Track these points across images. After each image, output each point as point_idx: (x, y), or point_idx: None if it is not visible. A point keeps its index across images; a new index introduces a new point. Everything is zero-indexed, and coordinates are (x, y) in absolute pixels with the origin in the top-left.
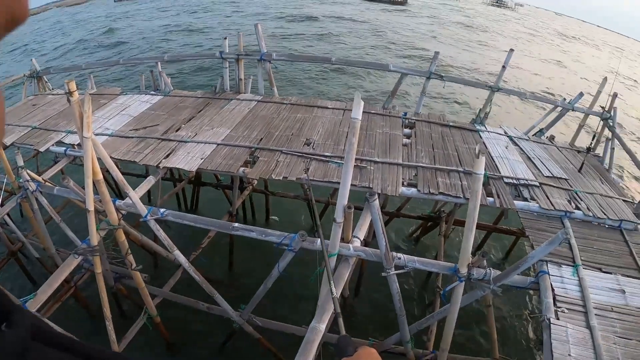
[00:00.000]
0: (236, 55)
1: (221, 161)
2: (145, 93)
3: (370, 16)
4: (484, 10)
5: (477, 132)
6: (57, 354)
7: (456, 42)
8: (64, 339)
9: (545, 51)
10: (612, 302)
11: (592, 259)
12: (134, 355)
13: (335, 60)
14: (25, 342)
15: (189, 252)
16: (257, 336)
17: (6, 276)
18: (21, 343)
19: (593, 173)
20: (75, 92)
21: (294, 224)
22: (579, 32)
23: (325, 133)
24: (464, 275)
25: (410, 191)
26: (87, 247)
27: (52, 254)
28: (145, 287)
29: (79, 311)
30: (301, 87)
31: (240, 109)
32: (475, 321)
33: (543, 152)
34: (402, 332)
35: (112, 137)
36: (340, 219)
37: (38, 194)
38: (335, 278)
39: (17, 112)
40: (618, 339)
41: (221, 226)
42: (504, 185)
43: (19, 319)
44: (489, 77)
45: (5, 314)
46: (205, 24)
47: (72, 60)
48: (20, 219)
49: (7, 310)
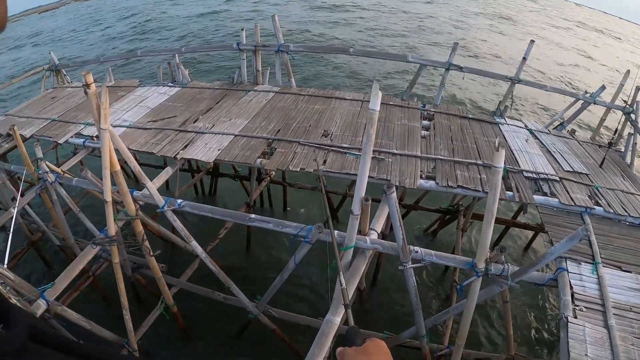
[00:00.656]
0: (253, 46)
1: (239, 152)
2: (163, 85)
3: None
4: (504, 1)
5: (497, 124)
6: (55, 354)
7: (478, 31)
8: (62, 339)
9: (566, 42)
10: (632, 301)
11: (612, 256)
12: (149, 344)
13: (353, 52)
14: (23, 342)
15: (205, 242)
16: (272, 327)
17: (26, 266)
18: (19, 343)
19: (614, 168)
20: (92, 85)
21: (311, 215)
22: (601, 24)
23: (343, 124)
24: (482, 270)
25: (429, 184)
26: (104, 238)
27: (71, 244)
28: (162, 276)
29: (97, 300)
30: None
31: (258, 100)
32: (491, 317)
33: (564, 146)
34: (418, 327)
35: (130, 129)
36: (357, 211)
37: (57, 185)
38: (351, 270)
39: (37, 105)
40: (636, 340)
41: (238, 217)
42: (524, 179)
43: (16, 320)
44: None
45: (2, 315)
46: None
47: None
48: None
49: (5, 311)
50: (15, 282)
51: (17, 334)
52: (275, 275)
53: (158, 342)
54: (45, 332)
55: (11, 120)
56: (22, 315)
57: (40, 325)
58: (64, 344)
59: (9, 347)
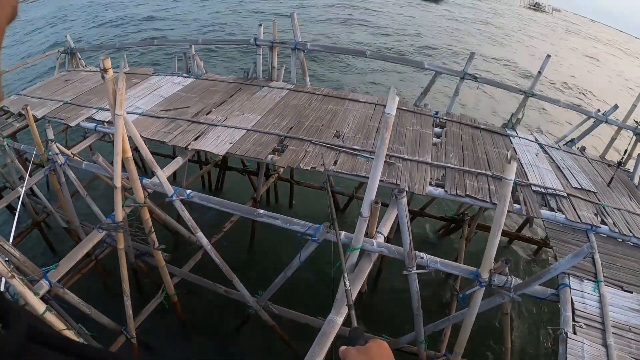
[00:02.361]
0: (270, 42)
1: (250, 147)
2: (177, 75)
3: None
4: (522, 13)
5: (508, 137)
6: (54, 355)
7: (491, 41)
8: (61, 339)
9: (579, 57)
10: (631, 322)
11: (615, 276)
12: (146, 333)
13: (370, 54)
14: (22, 342)
15: (208, 234)
16: (271, 323)
17: (29, 246)
18: (18, 344)
19: (622, 188)
20: (110, 70)
21: (316, 214)
22: (615, 41)
23: (356, 126)
24: (485, 280)
25: (438, 191)
26: (111, 223)
27: (76, 226)
28: (165, 265)
29: (97, 284)
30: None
31: (272, 96)
32: (490, 327)
33: (573, 163)
34: (417, 332)
35: (143, 116)
36: (366, 213)
37: (66, 168)
38: (356, 272)
39: (50, 86)
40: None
41: (246, 212)
42: (532, 193)
43: (15, 320)
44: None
45: (1, 315)
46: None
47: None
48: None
49: (4, 311)
50: (20, 261)
51: (16, 334)
52: (277, 272)
53: (156, 332)
54: (44, 331)
55: (24, 100)
56: (22, 315)
57: (39, 325)
58: (64, 344)
59: (9, 347)
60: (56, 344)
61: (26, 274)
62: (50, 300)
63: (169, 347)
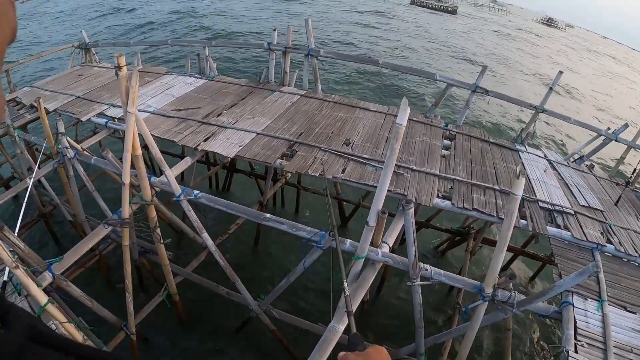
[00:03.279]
0: (284, 47)
1: (259, 151)
2: (190, 75)
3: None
4: (536, 28)
5: (517, 152)
6: (54, 355)
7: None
8: (61, 339)
9: (592, 74)
10: (633, 343)
11: (618, 296)
12: (146, 330)
13: (382, 64)
14: (22, 342)
15: (213, 236)
16: (272, 327)
17: (36, 238)
18: (18, 343)
19: (629, 208)
20: (124, 67)
21: (321, 221)
22: (626, 58)
23: (365, 135)
24: (489, 295)
25: (445, 204)
26: (118, 219)
27: (81, 220)
28: (168, 264)
29: (100, 279)
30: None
31: (283, 101)
32: (491, 342)
33: (581, 180)
34: (418, 344)
35: (154, 115)
36: (372, 222)
37: (75, 162)
38: (359, 281)
39: (63, 81)
40: None
41: (253, 215)
42: (539, 209)
43: (15, 320)
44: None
45: (1, 315)
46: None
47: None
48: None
49: (4, 311)
50: (24, 251)
51: (16, 334)
52: (280, 276)
53: (156, 329)
54: (44, 331)
55: (36, 92)
56: (22, 315)
57: (39, 325)
58: (63, 344)
59: (8, 347)
60: (56, 344)
61: (30, 265)
62: (52, 293)
63: (168, 346)
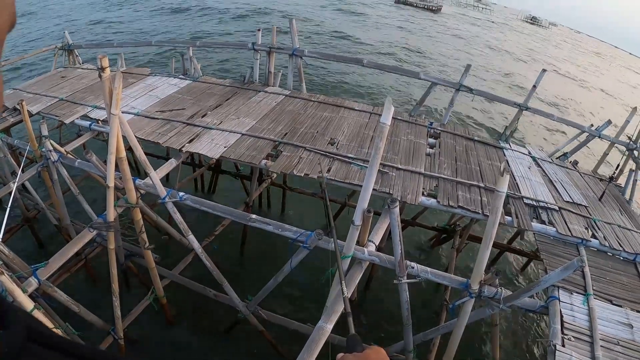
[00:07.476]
0: (268, 47)
1: (244, 151)
2: (174, 76)
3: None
4: (519, 26)
5: (502, 149)
6: (53, 355)
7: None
8: (59, 339)
9: (573, 71)
10: (620, 335)
11: (604, 289)
12: (135, 331)
13: (367, 63)
14: (21, 343)
15: (199, 238)
16: (260, 328)
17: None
18: (16, 344)
19: (613, 203)
20: (107, 68)
21: (307, 221)
22: (610, 54)
23: (350, 134)
24: (475, 291)
25: (430, 202)
26: (103, 222)
27: (66, 224)
28: (155, 267)
29: (86, 283)
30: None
31: (268, 101)
32: (479, 338)
33: (565, 177)
34: (406, 341)
35: (138, 117)
36: (358, 222)
37: (59, 165)
38: (346, 281)
39: (46, 83)
40: None
41: (239, 216)
42: (524, 206)
43: (14, 320)
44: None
45: (0, 316)
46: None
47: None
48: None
49: (3, 312)
50: (8, 257)
51: (15, 335)
52: (267, 277)
53: (145, 331)
54: (43, 332)
55: (19, 95)
56: (20, 316)
57: (37, 326)
58: (62, 345)
59: (8, 347)
60: (55, 345)
61: (15, 270)
62: (38, 298)
63: (157, 347)
